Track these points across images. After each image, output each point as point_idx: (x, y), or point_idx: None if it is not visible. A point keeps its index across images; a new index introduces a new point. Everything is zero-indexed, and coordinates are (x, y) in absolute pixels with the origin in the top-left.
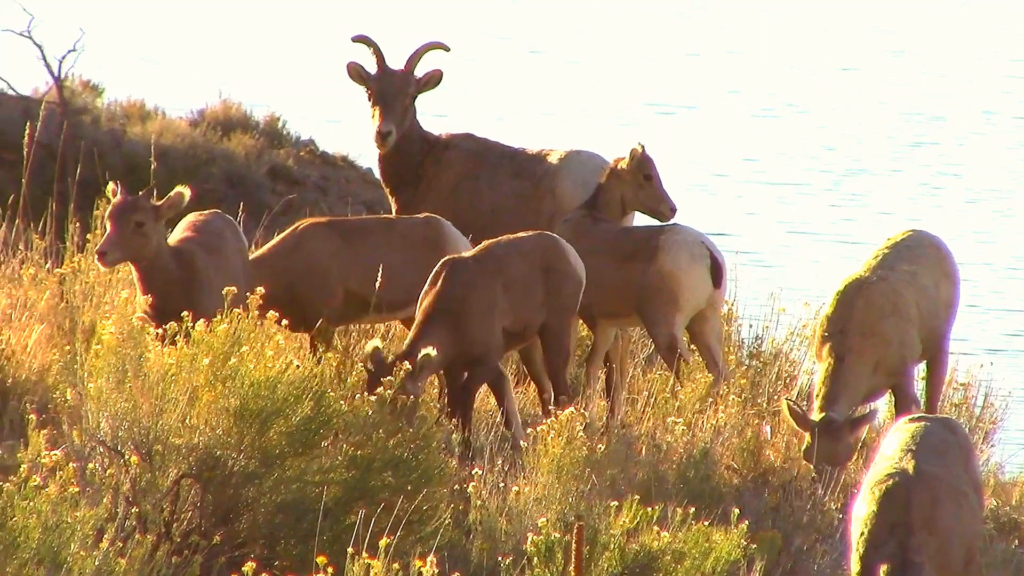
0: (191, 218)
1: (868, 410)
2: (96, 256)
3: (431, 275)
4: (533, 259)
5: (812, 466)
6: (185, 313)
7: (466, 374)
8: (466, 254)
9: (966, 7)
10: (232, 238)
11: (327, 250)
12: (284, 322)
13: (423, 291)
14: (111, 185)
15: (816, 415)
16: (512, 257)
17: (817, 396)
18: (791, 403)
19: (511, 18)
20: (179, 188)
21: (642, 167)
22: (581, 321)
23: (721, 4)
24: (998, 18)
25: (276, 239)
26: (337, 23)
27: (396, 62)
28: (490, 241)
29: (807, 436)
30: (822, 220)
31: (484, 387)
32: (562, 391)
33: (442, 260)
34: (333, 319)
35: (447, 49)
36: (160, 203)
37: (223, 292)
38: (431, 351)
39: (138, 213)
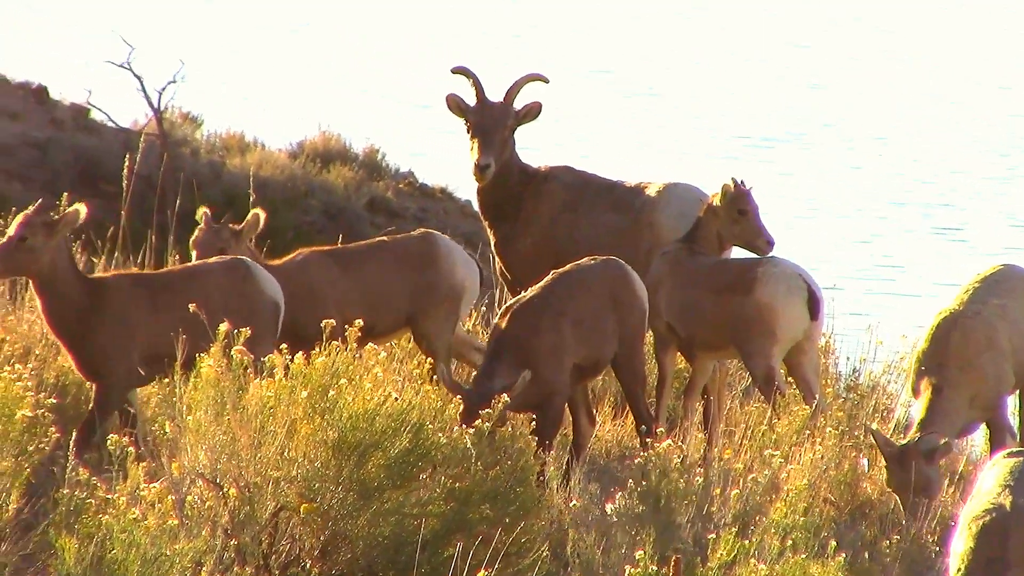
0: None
1: (942, 442)
2: None
3: (501, 312)
4: (600, 290)
5: (895, 494)
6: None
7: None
8: (530, 293)
9: None
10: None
11: (326, 279)
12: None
13: (493, 325)
14: (201, 209)
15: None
16: (578, 291)
17: (915, 429)
18: (875, 431)
19: (608, 52)
20: (77, 205)
21: (736, 202)
22: (679, 353)
23: (813, 39)
24: None
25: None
26: (437, 55)
27: (495, 94)
28: (555, 274)
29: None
30: (918, 253)
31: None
32: (644, 419)
33: (509, 303)
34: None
35: (546, 81)
36: (55, 219)
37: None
38: (528, 374)
39: (26, 228)
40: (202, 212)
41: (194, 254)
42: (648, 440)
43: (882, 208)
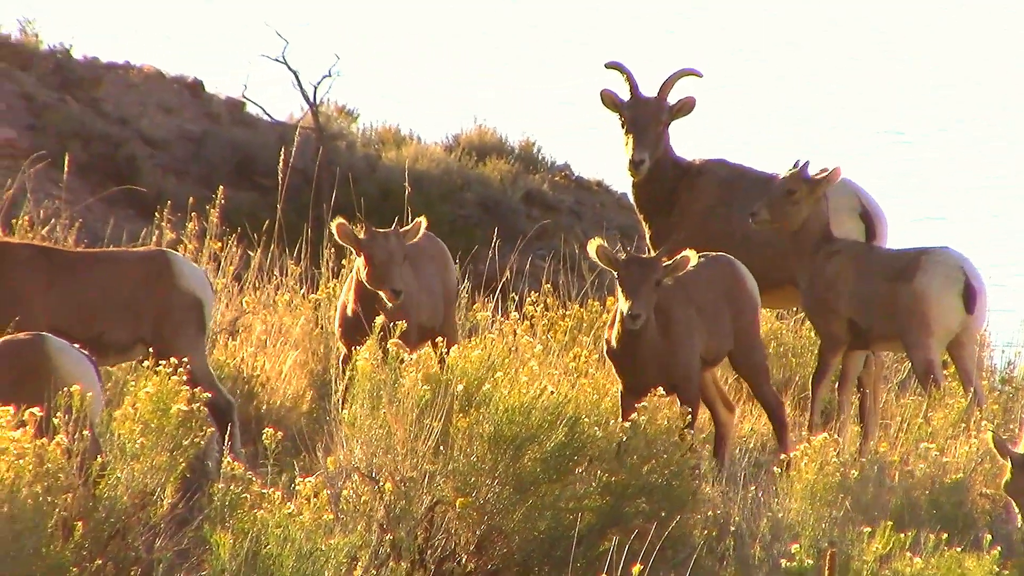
0: None
1: None
2: None
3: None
4: (716, 286)
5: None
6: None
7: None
8: None
9: None
10: None
11: None
12: None
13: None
14: (337, 220)
15: None
16: (700, 284)
17: None
18: (995, 433)
19: (762, 42)
20: None
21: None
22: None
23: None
24: None
25: None
26: (591, 49)
27: (649, 89)
28: None
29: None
30: None
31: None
32: (775, 406)
33: None
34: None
35: (699, 75)
36: None
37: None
38: (692, 254)
39: None
40: (337, 224)
41: (371, 266)
42: (805, 434)
43: None
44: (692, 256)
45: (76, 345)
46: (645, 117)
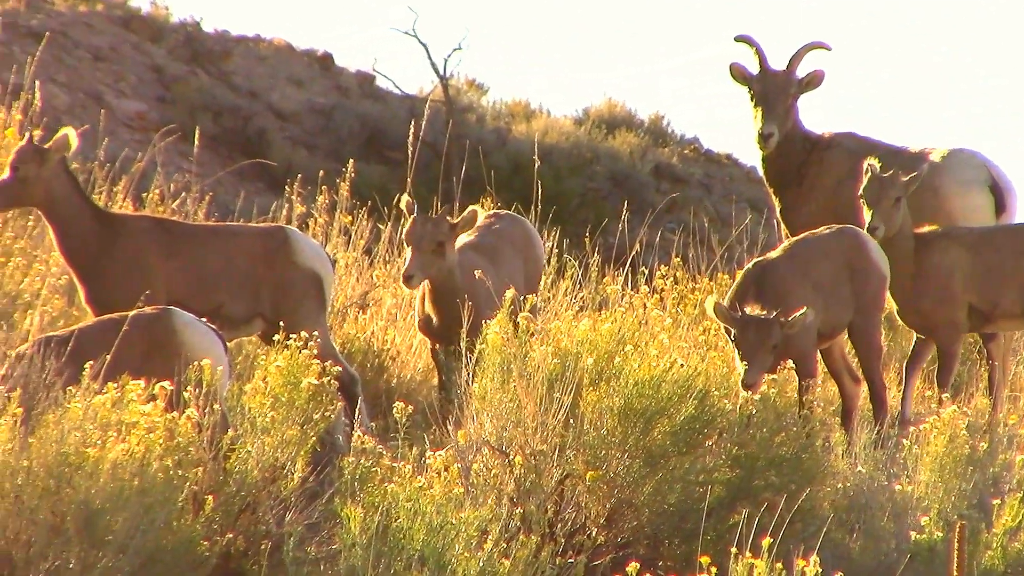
0: None
1: None
2: None
3: (739, 276)
4: (837, 258)
5: None
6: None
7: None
8: (772, 255)
9: None
10: None
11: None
12: None
13: (729, 296)
14: (405, 198)
15: None
16: (818, 257)
17: None
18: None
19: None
20: (65, 129)
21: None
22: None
23: None
24: None
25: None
26: (721, 22)
27: (778, 62)
28: (794, 240)
29: None
30: None
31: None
32: (879, 387)
33: (752, 262)
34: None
35: (828, 49)
36: (45, 147)
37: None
38: (810, 312)
39: (19, 157)
40: (406, 202)
41: (409, 249)
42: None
43: None
44: (810, 313)
45: (203, 319)
46: (774, 90)
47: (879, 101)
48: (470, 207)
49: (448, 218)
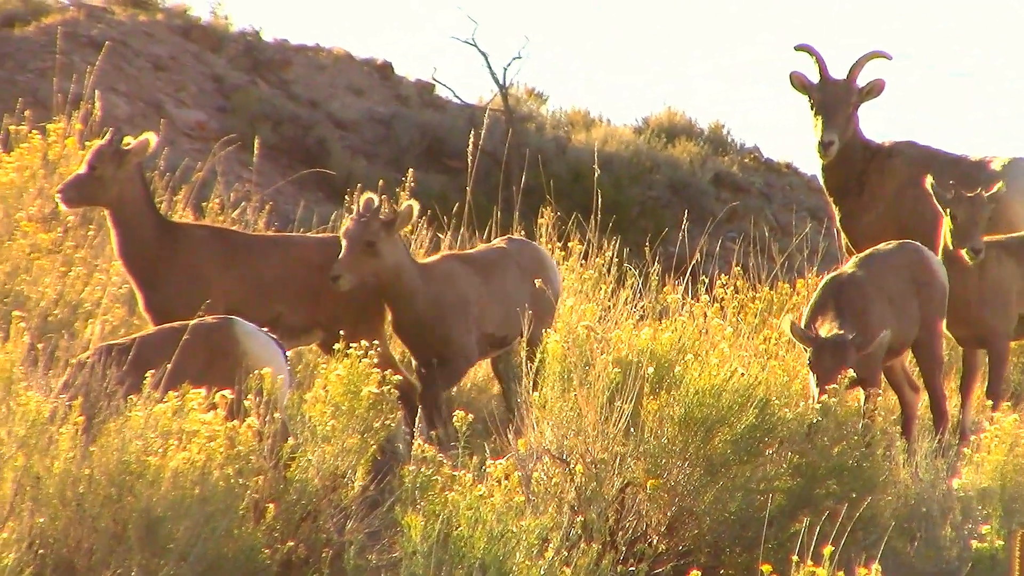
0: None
1: None
2: (57, 195)
3: (817, 292)
4: (904, 273)
5: None
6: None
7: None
8: (848, 269)
9: None
10: None
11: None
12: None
13: (809, 308)
14: (366, 195)
15: None
16: (888, 273)
17: None
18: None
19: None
20: (147, 134)
21: None
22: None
23: None
24: None
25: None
26: (780, 30)
27: (838, 71)
28: (862, 256)
29: None
30: None
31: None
32: (940, 398)
33: (828, 277)
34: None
35: (888, 58)
36: (124, 149)
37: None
38: (887, 333)
39: (95, 157)
40: (366, 199)
41: (343, 244)
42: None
43: None
44: (887, 334)
45: (264, 329)
46: (834, 99)
47: (933, 107)
48: (406, 202)
49: (380, 217)
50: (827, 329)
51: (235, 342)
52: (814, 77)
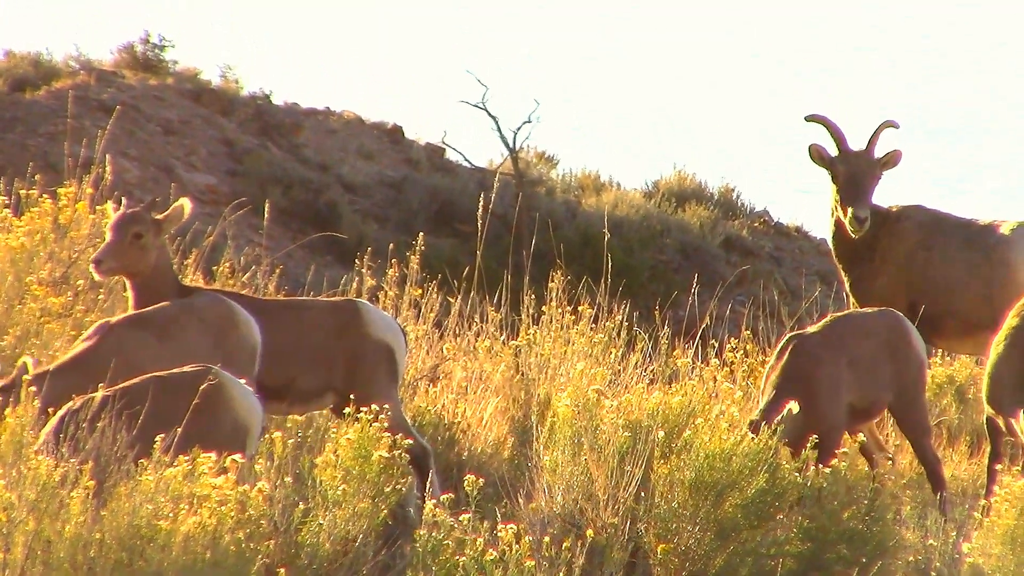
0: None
1: None
2: (92, 264)
3: (776, 351)
4: (877, 338)
5: None
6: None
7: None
8: (811, 330)
9: None
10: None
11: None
12: None
13: (768, 366)
14: (109, 205)
15: None
16: (856, 335)
17: None
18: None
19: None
20: (182, 200)
21: None
22: None
23: None
24: None
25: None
26: (787, 96)
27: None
28: (834, 317)
29: None
30: None
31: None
32: (933, 463)
33: (787, 336)
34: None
35: (896, 127)
36: (163, 217)
37: None
38: (794, 405)
39: (140, 224)
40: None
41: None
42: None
43: None
44: (794, 408)
45: (243, 380)
46: (861, 173)
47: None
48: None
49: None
50: (769, 391)
51: (221, 387)
52: (830, 148)
